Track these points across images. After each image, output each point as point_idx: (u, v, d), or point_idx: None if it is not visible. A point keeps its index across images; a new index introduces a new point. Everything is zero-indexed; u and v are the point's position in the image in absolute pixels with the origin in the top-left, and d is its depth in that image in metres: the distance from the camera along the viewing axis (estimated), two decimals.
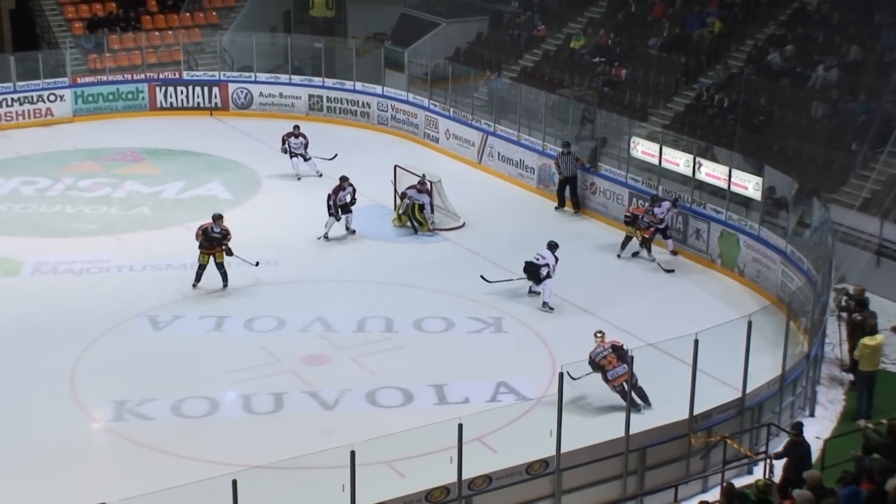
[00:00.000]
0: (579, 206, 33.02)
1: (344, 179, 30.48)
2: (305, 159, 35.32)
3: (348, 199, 30.40)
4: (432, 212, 31.28)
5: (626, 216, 29.82)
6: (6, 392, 22.41)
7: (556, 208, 33.43)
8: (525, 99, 36.93)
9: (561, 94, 38.07)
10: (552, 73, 41.26)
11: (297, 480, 17.82)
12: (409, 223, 31.29)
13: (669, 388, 20.30)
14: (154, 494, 15.10)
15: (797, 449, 18.17)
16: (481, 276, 27.38)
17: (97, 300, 26.76)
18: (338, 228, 30.46)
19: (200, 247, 27.19)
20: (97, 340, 24.63)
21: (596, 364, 21.28)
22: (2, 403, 22.00)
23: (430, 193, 31.28)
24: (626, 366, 20.40)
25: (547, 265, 26.37)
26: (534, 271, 26.48)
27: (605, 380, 21.24)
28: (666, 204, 29.22)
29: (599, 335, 21.71)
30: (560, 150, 33.06)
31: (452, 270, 28.79)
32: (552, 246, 26.73)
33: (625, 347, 21.02)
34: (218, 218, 27.50)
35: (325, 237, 30.29)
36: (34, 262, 28.92)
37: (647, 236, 29.11)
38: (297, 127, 35.63)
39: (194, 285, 27.26)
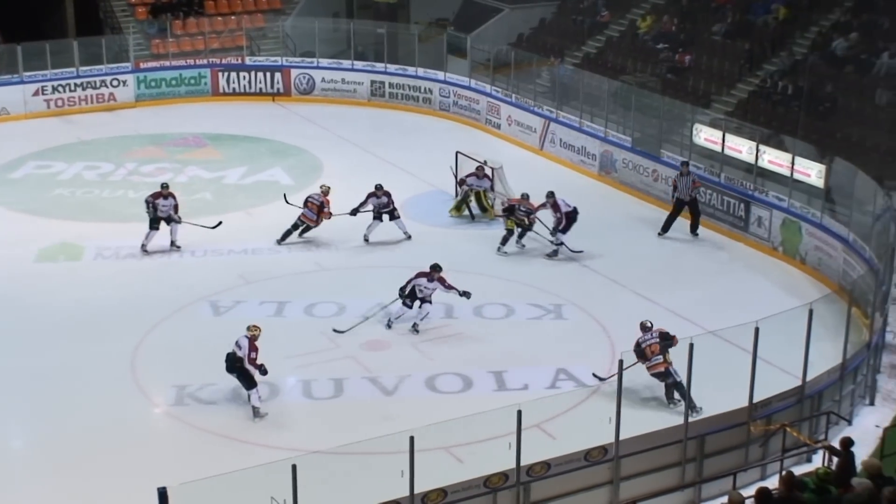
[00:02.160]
0: (697, 229, 30.26)
1: (379, 188, 29.57)
2: (171, 222, 28.99)
3: (370, 207, 29.42)
4: (495, 198, 31.21)
5: (504, 207, 29.47)
6: (68, 376, 22.66)
7: (659, 234, 30.29)
8: (587, 85, 36.82)
9: (624, 80, 37.90)
10: (615, 59, 41.06)
11: (356, 466, 17.88)
12: (466, 212, 31.25)
13: (729, 376, 20.17)
14: (214, 479, 15.20)
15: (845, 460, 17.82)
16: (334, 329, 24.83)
17: (159, 285, 26.97)
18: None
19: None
20: (158, 325, 24.85)
21: (640, 352, 21.13)
22: (64, 388, 22.25)
23: (490, 178, 31.20)
24: (661, 357, 20.88)
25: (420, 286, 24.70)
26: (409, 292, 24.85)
27: (646, 367, 21.16)
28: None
29: (649, 324, 21.56)
30: (679, 169, 30.52)
31: (513, 257, 28.79)
32: (434, 268, 24.82)
33: (671, 335, 21.10)
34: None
35: (366, 239, 29.67)
36: (96, 247, 29.21)
37: (528, 223, 28.96)
38: (165, 186, 29.25)
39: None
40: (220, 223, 29.61)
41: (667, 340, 21.05)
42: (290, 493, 15.09)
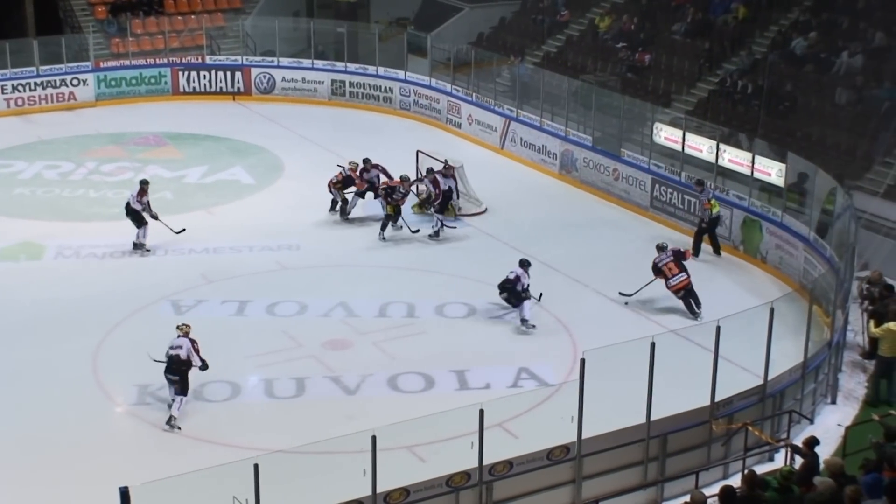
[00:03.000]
0: (719, 250, 28.95)
1: (366, 162, 30.94)
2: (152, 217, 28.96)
3: (377, 181, 30.71)
4: (458, 197, 31.22)
5: (383, 188, 30.05)
6: (29, 376, 22.53)
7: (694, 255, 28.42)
8: (548, 84, 36.88)
9: (584, 79, 38.00)
10: (575, 58, 41.17)
11: (318, 465, 17.81)
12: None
13: (691, 375, 20.22)
14: (176, 478, 15.14)
15: (810, 461, 17.90)
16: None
17: (120, 284, 26.86)
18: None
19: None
20: (120, 324, 24.73)
21: (658, 270, 25.00)
22: (25, 387, 22.11)
23: (455, 178, 31.23)
24: (685, 274, 24.88)
25: (520, 280, 24.83)
26: (511, 288, 24.93)
27: (667, 286, 24.99)
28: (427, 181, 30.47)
29: (664, 245, 25.40)
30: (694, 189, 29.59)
31: (474, 256, 28.80)
32: (524, 263, 25.19)
33: (684, 251, 25.46)
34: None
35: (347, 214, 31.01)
36: (57, 247, 29.05)
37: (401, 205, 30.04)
38: (146, 182, 29.15)
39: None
40: (184, 230, 29.30)
41: (681, 256, 25.09)
42: (253, 492, 15.04)
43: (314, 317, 25.27)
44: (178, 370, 20.87)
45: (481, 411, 16.84)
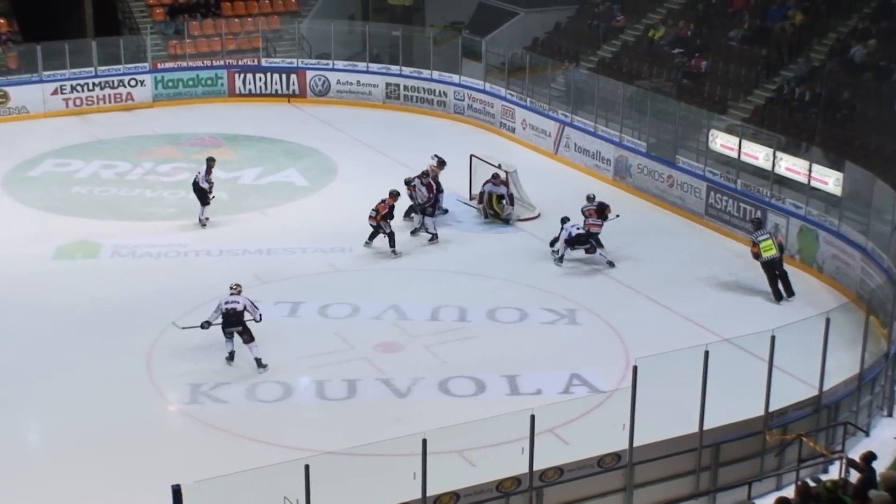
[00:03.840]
0: (790, 291, 26.83)
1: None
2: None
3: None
4: (511, 203, 31.16)
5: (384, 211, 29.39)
6: (84, 374, 22.70)
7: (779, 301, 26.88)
8: (602, 90, 36.75)
9: (639, 85, 37.84)
10: (630, 64, 40.99)
11: (368, 467, 17.85)
12: (489, 212, 31.30)
13: (745, 385, 20.08)
14: (227, 477, 15.19)
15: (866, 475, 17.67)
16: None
17: (174, 284, 27.00)
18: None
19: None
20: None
21: (582, 213, 28.37)
22: (79, 385, 22.28)
23: (507, 185, 31.17)
24: (601, 222, 28.35)
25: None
26: (589, 237, 28.20)
27: (584, 223, 28.25)
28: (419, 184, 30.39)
29: (593, 196, 28.98)
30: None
31: (527, 261, 28.74)
32: (564, 219, 28.60)
33: (606, 205, 28.70)
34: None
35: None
36: (113, 246, 29.26)
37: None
38: (213, 160, 31.22)
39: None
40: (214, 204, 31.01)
41: (603, 208, 28.53)
42: (303, 493, 15.08)
43: (366, 319, 25.32)
44: (238, 321, 22.58)
45: (532, 417, 16.80)
